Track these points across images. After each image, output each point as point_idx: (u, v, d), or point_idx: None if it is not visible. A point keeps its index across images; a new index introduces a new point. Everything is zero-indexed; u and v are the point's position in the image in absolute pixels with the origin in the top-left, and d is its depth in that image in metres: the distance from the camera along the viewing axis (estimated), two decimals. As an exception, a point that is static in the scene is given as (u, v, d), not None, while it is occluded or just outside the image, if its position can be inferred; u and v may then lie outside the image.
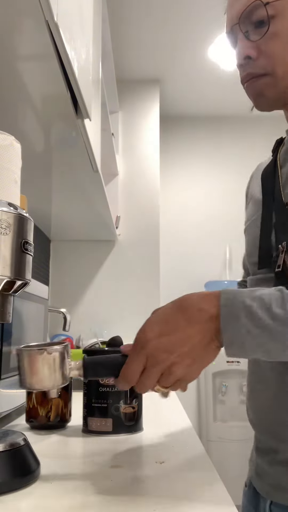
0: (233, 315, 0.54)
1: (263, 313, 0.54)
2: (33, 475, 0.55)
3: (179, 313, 0.56)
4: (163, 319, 0.57)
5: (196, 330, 0.55)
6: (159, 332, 0.55)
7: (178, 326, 0.55)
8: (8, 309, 0.58)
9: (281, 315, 0.53)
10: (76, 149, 1.24)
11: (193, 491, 0.54)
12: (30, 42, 0.78)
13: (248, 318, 0.54)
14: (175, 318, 0.56)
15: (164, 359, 0.54)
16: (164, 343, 0.55)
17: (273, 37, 0.72)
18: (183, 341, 0.55)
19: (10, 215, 0.55)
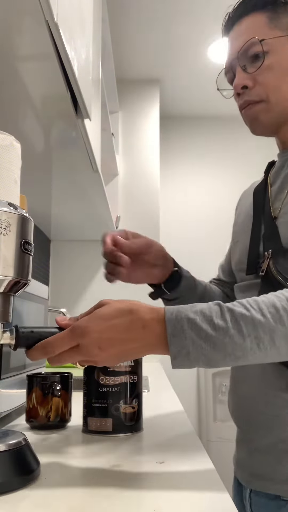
0: (178, 328, 0.58)
1: (206, 325, 0.58)
2: (33, 475, 0.55)
3: (128, 321, 0.59)
4: (112, 319, 0.59)
5: (133, 338, 0.59)
6: (103, 330, 0.58)
7: (120, 330, 0.59)
8: (8, 309, 0.58)
9: (222, 326, 0.58)
10: (76, 149, 1.24)
11: (193, 491, 0.54)
12: (30, 42, 0.78)
13: (192, 330, 0.58)
14: (122, 322, 0.59)
15: (95, 354, 0.58)
16: (103, 341, 0.58)
17: (268, 69, 0.83)
18: (117, 344, 0.59)
19: (10, 215, 0.55)
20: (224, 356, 0.58)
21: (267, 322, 0.59)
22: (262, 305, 0.60)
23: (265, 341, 0.58)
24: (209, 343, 0.58)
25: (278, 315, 0.60)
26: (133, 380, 0.82)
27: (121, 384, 0.80)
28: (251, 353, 0.58)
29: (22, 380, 0.93)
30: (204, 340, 0.58)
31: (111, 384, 0.80)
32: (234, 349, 0.58)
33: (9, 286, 0.56)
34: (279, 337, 0.59)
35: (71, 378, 0.89)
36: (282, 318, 0.59)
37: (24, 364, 0.98)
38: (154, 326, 0.60)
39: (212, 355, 0.58)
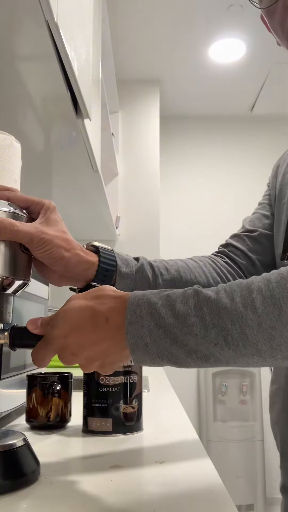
0: (137, 314, 0.49)
1: (166, 311, 0.48)
2: (33, 475, 0.55)
3: (89, 318, 0.52)
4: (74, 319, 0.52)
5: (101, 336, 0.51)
6: (67, 333, 0.52)
7: (85, 330, 0.51)
8: (8, 309, 0.58)
9: (182, 311, 0.47)
10: (76, 149, 1.24)
11: (193, 491, 0.54)
12: (30, 42, 0.78)
13: (151, 317, 0.48)
14: (84, 321, 0.52)
15: (72, 360, 0.52)
16: (71, 346, 0.51)
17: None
18: (88, 345, 0.51)
19: (10, 215, 0.55)
20: (188, 352, 0.47)
21: (234, 307, 0.46)
22: (235, 287, 0.48)
23: (233, 333, 0.45)
24: (168, 333, 0.47)
25: (249, 298, 0.46)
26: (133, 380, 0.82)
27: (121, 384, 0.80)
28: (219, 350, 0.46)
29: (22, 380, 0.93)
30: (163, 330, 0.47)
31: (111, 384, 0.80)
32: (197, 343, 0.46)
33: (9, 286, 0.56)
34: (251, 328, 0.45)
35: (71, 378, 0.89)
36: (254, 302, 0.46)
37: (24, 364, 0.98)
38: (116, 316, 0.50)
39: (174, 350, 0.47)
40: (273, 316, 0.45)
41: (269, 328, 0.45)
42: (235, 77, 2.81)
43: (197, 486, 0.55)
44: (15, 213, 0.56)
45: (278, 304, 0.45)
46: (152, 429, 0.84)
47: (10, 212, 0.55)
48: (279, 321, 0.45)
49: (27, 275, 0.58)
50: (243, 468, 2.58)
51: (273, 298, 0.46)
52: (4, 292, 0.56)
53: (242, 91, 2.97)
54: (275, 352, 0.46)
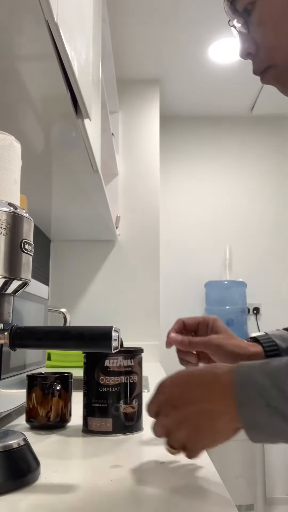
0: (247, 395, 0.51)
1: (276, 392, 0.49)
2: (33, 475, 0.55)
3: (200, 376, 0.57)
4: (188, 373, 0.59)
5: (208, 404, 0.54)
6: (177, 383, 0.58)
7: (192, 388, 0.56)
8: (8, 309, 0.58)
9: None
10: (76, 149, 1.24)
11: (193, 491, 0.54)
12: (30, 42, 0.78)
13: (262, 397, 0.50)
14: (194, 379, 0.57)
15: (170, 414, 0.56)
16: (175, 396, 0.57)
17: (259, 24, 0.69)
18: (189, 403, 0.55)
19: (10, 215, 0.55)
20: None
21: None
22: None
23: None
24: (281, 415, 0.48)
25: None
26: (133, 380, 0.82)
27: (121, 384, 0.80)
28: None
29: (22, 380, 0.93)
30: (274, 411, 0.49)
31: (111, 384, 0.80)
32: None
33: (9, 286, 0.56)
34: None
35: (71, 378, 0.89)
36: None
37: (24, 364, 0.98)
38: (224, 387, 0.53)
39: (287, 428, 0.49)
40: None
41: None
42: (235, 77, 2.80)
43: (197, 486, 0.55)
44: (15, 213, 0.56)
45: None
46: (152, 429, 0.84)
47: (10, 212, 0.55)
48: None
49: (27, 275, 0.58)
50: (243, 468, 2.58)
51: None
52: (4, 292, 0.56)
53: (242, 91, 2.97)
54: None
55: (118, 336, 0.60)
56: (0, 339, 0.57)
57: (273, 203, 3.19)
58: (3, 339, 0.57)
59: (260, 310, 3.07)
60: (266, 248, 3.13)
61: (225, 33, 2.43)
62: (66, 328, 0.65)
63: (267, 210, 3.18)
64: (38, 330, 0.59)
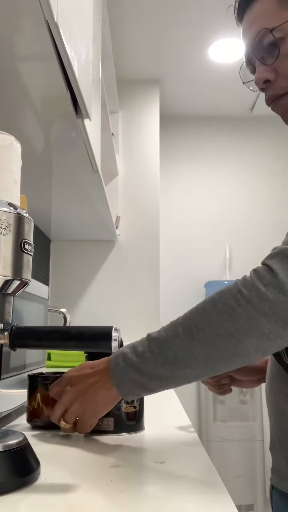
0: (115, 362, 0.68)
1: (132, 354, 0.67)
2: (33, 475, 0.55)
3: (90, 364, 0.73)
4: (82, 364, 0.75)
5: (92, 374, 0.71)
6: (73, 369, 0.74)
7: (84, 369, 0.73)
8: (8, 309, 0.58)
9: (140, 351, 0.66)
10: (76, 149, 1.24)
11: (193, 491, 0.54)
12: (30, 42, 0.78)
13: (124, 361, 0.67)
14: (85, 366, 0.73)
15: (67, 390, 0.71)
16: (72, 378, 0.72)
17: (286, 57, 0.76)
18: (81, 379, 0.71)
19: (10, 215, 0.55)
20: (150, 378, 0.65)
21: (166, 337, 0.65)
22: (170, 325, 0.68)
23: (170, 355, 0.63)
24: (134, 369, 0.65)
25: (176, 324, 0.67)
26: (133, 380, 0.82)
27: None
28: (168, 371, 0.63)
29: (22, 380, 0.93)
30: (132, 368, 0.66)
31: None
32: (153, 370, 0.64)
33: (9, 286, 0.56)
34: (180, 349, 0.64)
35: None
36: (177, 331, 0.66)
37: (24, 364, 0.98)
38: (105, 363, 0.70)
39: (140, 379, 0.65)
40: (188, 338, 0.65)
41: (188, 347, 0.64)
42: (235, 77, 2.79)
43: (197, 486, 0.55)
44: (15, 213, 0.56)
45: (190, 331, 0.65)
46: (153, 429, 0.84)
47: (10, 212, 0.55)
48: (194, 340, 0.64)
49: (27, 275, 0.58)
50: (243, 468, 2.58)
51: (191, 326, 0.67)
52: (4, 292, 0.56)
53: (242, 91, 2.96)
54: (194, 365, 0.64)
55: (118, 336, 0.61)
56: (0, 339, 0.57)
57: (273, 203, 3.19)
58: (3, 339, 0.57)
59: (260, 310, 3.07)
60: (266, 248, 3.11)
61: (225, 33, 2.43)
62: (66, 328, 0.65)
63: (267, 210, 3.18)
64: (38, 330, 0.59)
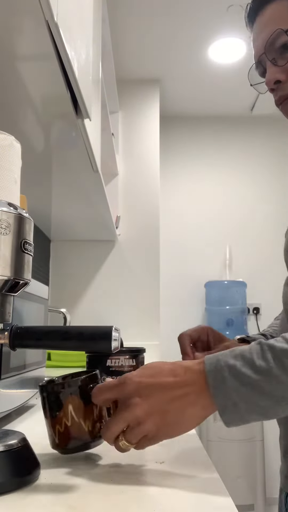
0: (219, 378, 0.54)
1: (247, 369, 0.53)
2: (33, 475, 0.55)
3: (169, 368, 0.57)
4: (155, 367, 0.57)
5: (178, 385, 0.55)
6: (144, 374, 0.56)
7: (161, 376, 0.55)
8: (8, 309, 0.58)
9: (263, 367, 0.53)
10: (76, 149, 1.24)
11: (193, 491, 0.54)
12: (30, 42, 0.78)
13: (235, 378, 0.53)
14: (162, 371, 0.56)
15: (135, 403, 0.54)
16: (143, 387, 0.55)
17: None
18: (160, 390, 0.55)
19: (10, 215, 0.55)
20: (276, 401, 0.52)
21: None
22: None
23: None
24: (256, 387, 0.52)
25: None
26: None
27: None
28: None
29: (22, 380, 0.93)
30: (250, 387, 0.52)
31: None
32: (284, 391, 0.52)
33: (9, 286, 0.56)
34: None
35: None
36: None
37: (24, 364, 0.98)
38: (197, 374, 0.55)
39: (262, 402, 0.52)
40: None
41: None
42: (235, 77, 2.80)
43: (197, 486, 0.55)
44: (15, 213, 0.56)
45: None
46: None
47: (10, 212, 0.55)
48: None
49: (27, 275, 0.58)
50: (243, 468, 2.58)
51: None
52: (4, 292, 0.56)
53: (242, 91, 2.97)
54: None
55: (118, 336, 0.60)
56: (0, 339, 0.57)
57: (273, 202, 3.19)
58: (3, 339, 0.57)
59: (260, 310, 3.07)
60: (266, 248, 3.13)
61: (225, 33, 2.43)
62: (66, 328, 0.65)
63: (267, 210, 3.18)
64: (38, 330, 0.59)
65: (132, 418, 0.54)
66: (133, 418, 0.54)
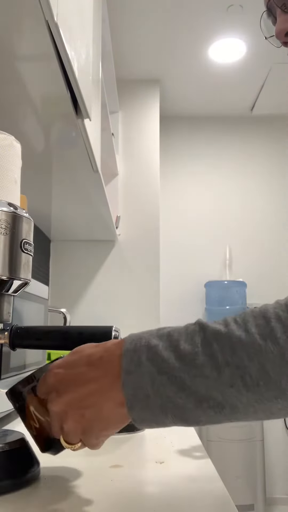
0: (135, 362, 0.41)
1: (169, 353, 0.40)
2: (33, 475, 0.55)
3: (87, 355, 0.47)
4: (74, 354, 0.48)
5: (91, 376, 0.44)
6: (60, 365, 0.47)
7: (78, 367, 0.46)
8: (8, 309, 0.58)
9: (187, 351, 0.40)
10: (76, 149, 1.24)
11: (193, 491, 0.54)
12: (30, 42, 0.78)
13: (151, 362, 0.40)
14: (80, 360, 0.47)
15: (54, 401, 0.46)
16: (58, 381, 0.46)
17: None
18: (72, 384, 0.45)
19: (10, 215, 0.55)
20: (199, 401, 0.39)
21: (250, 340, 0.38)
22: (248, 317, 0.41)
23: (251, 370, 0.37)
24: (174, 379, 0.39)
25: (268, 328, 0.38)
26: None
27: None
28: (236, 394, 0.38)
29: (22, 380, 0.93)
30: (167, 376, 0.40)
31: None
32: (209, 387, 0.38)
33: (9, 286, 0.56)
34: (272, 363, 0.37)
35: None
36: (274, 332, 0.38)
37: (24, 364, 0.98)
38: (113, 358, 0.44)
39: (180, 399, 0.39)
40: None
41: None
42: (235, 77, 2.80)
43: (197, 486, 0.55)
44: (15, 213, 0.56)
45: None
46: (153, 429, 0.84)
47: (10, 212, 0.55)
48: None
49: (27, 275, 0.58)
50: (243, 468, 2.58)
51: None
52: (4, 292, 0.56)
53: (242, 91, 2.97)
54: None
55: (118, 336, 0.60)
56: (0, 339, 0.57)
57: (273, 203, 3.19)
58: (3, 339, 0.57)
59: (260, 310, 3.07)
60: (266, 248, 3.13)
61: (225, 33, 2.43)
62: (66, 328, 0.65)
63: (267, 210, 3.18)
64: (38, 330, 0.59)
65: (54, 416, 0.47)
66: (54, 415, 0.47)
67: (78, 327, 0.62)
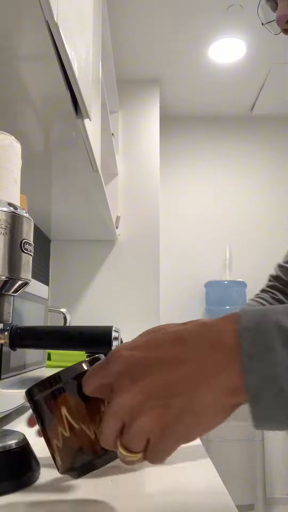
0: (262, 343, 0.32)
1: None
2: (33, 476, 0.55)
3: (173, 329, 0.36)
4: (156, 331, 0.37)
5: (188, 357, 0.33)
6: (138, 345, 0.36)
7: (163, 343, 0.35)
8: (8, 309, 0.58)
9: None
10: (76, 149, 1.24)
11: (193, 491, 0.54)
12: (30, 42, 0.78)
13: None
14: (167, 337, 0.35)
15: (123, 389, 0.34)
16: (134, 364, 0.34)
17: None
18: (159, 366, 0.34)
19: (10, 215, 0.55)
20: None
21: None
22: None
23: None
24: None
25: None
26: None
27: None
28: None
29: (22, 380, 0.93)
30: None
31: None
32: None
33: (9, 286, 0.56)
34: None
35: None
36: None
37: (24, 364, 0.98)
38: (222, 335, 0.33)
39: None
40: None
41: None
42: (235, 77, 2.80)
43: (197, 486, 0.55)
44: (15, 213, 0.56)
45: None
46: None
47: (10, 212, 0.55)
48: None
49: (27, 275, 0.58)
50: (243, 468, 2.58)
51: None
52: (4, 292, 0.56)
53: (242, 91, 2.97)
54: None
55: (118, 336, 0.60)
56: (0, 339, 0.57)
57: (273, 203, 3.19)
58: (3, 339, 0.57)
59: (260, 310, 3.07)
60: (266, 248, 3.13)
61: (225, 33, 2.43)
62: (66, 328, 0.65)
63: (267, 210, 3.18)
64: (38, 330, 0.59)
65: (122, 411, 0.35)
66: (123, 410, 0.35)
67: (78, 327, 0.62)
